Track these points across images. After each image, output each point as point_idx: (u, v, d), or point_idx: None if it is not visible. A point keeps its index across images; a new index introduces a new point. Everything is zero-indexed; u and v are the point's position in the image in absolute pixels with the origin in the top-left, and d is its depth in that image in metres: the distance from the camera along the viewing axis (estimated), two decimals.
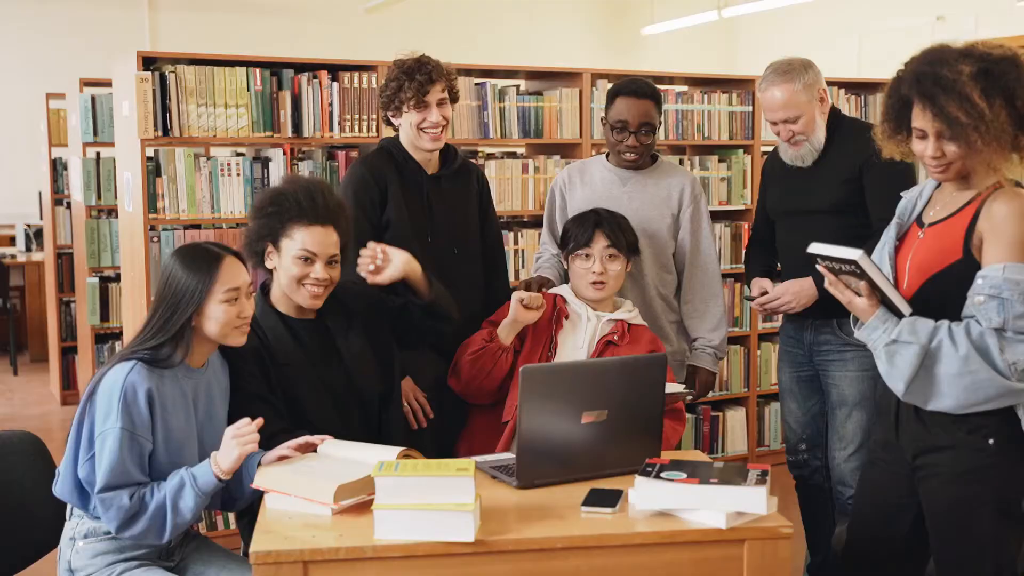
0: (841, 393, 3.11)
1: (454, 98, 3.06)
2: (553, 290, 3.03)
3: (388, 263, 2.65)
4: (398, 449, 2.24)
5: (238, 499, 2.39)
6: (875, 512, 2.45)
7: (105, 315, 5.09)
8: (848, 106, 5.00)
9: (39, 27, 8.17)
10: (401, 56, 3.04)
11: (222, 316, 2.32)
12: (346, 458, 2.26)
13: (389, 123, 3.10)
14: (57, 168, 6.20)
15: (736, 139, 4.76)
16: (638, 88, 3.17)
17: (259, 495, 2.25)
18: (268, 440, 2.37)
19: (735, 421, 4.87)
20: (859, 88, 5.06)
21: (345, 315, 2.66)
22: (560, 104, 4.34)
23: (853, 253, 2.13)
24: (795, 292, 3.04)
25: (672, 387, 2.65)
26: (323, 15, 9.08)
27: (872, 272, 2.14)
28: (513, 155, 4.59)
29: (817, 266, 2.27)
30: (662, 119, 3.22)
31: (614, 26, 10.52)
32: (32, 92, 6.93)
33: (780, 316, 3.30)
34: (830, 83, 5.02)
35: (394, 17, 8.95)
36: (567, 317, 2.90)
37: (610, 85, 4.48)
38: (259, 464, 2.28)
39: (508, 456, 2.50)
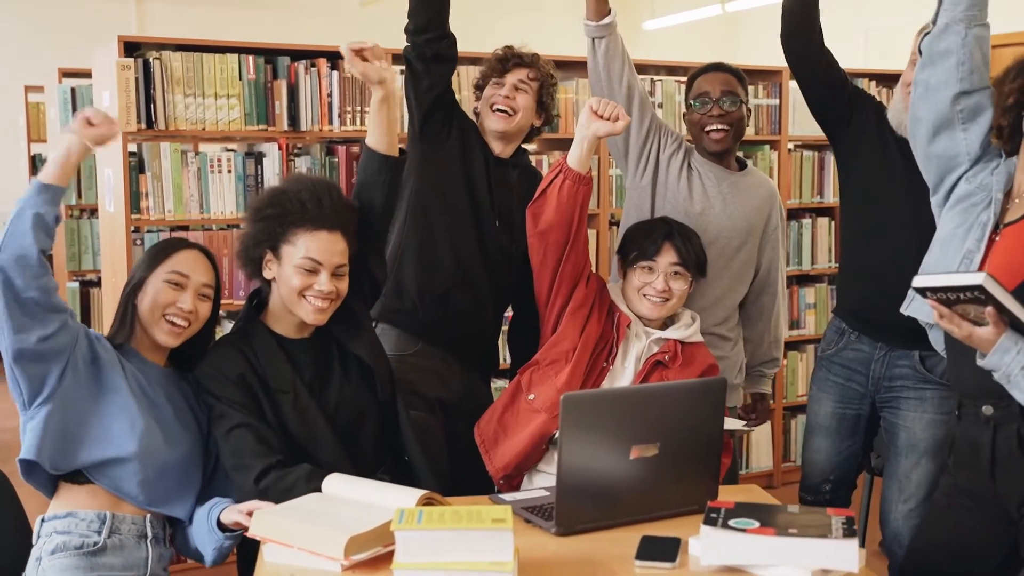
0: (912, 437, 2.68)
1: (544, 102, 2.84)
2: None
3: (377, 59, 2.36)
4: (419, 492, 1.92)
5: (204, 554, 2.14)
6: (948, 557, 2.16)
7: (87, 322, 4.75)
8: None
9: (19, 17, 7.83)
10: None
11: (158, 296, 2.17)
12: (357, 500, 1.95)
13: (478, 116, 2.90)
14: (37, 164, 5.86)
15: (762, 135, 4.45)
16: (717, 65, 2.89)
17: (233, 549, 2.02)
18: (260, 476, 2.09)
19: (759, 435, 4.56)
20: (879, 80, 4.75)
21: (353, 319, 2.35)
22: (576, 96, 4.03)
23: (975, 277, 1.79)
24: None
25: (730, 423, 2.33)
26: (317, 9, 8.79)
27: (999, 294, 1.81)
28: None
29: (927, 301, 1.93)
30: (748, 105, 2.87)
31: None
32: (11, 84, 6.60)
33: (825, 334, 2.92)
34: None
35: (388, 11, 8.62)
36: (628, 326, 2.55)
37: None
38: (219, 518, 2.05)
39: (542, 494, 2.19)
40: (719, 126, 2.78)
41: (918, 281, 1.89)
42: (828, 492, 2.88)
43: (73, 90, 4.70)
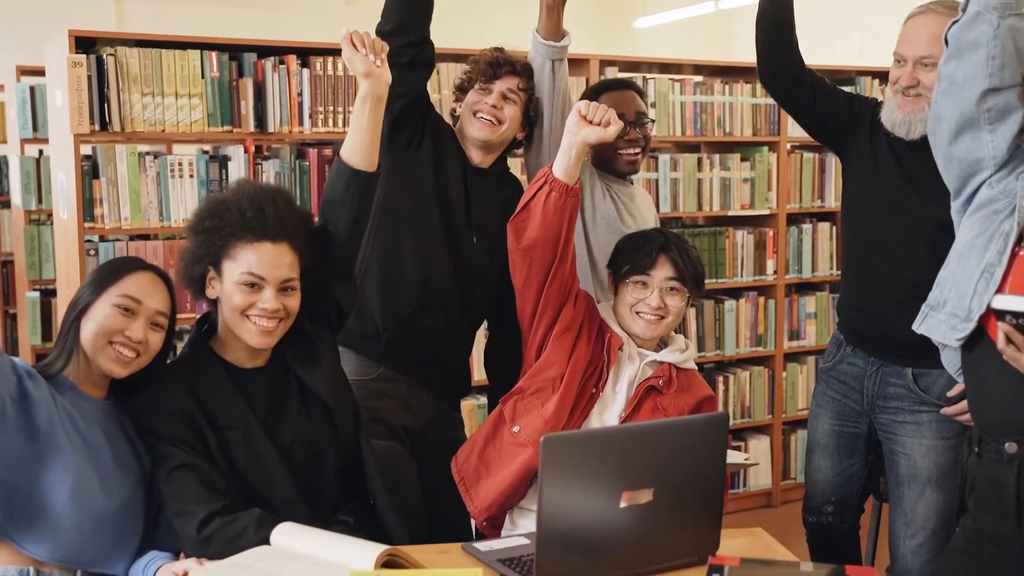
0: (913, 466, 2.48)
1: (529, 113, 2.60)
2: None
3: (370, 51, 2.12)
4: (379, 548, 1.69)
5: None
6: None
7: (48, 334, 4.48)
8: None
9: None
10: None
11: (105, 321, 1.93)
12: (309, 556, 1.72)
13: (455, 119, 2.67)
14: (1, 166, 5.60)
15: (760, 135, 4.24)
16: (619, 81, 2.84)
17: None
18: (204, 523, 1.85)
19: (758, 451, 4.33)
20: (882, 78, 4.52)
21: (308, 343, 2.11)
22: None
23: None
24: None
25: (731, 456, 2.11)
26: (302, 7, 8.58)
27: None
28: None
29: (1001, 325, 1.72)
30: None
31: (605, 18, 10.03)
32: None
33: (828, 346, 2.74)
34: (835, 73, 4.54)
35: (376, 10, 8.40)
36: (620, 348, 2.33)
37: (620, 74, 4.03)
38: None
39: (523, 542, 1.95)
40: (635, 149, 2.68)
41: (999, 302, 1.71)
42: (830, 514, 2.70)
43: (32, 89, 4.44)
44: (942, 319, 2.01)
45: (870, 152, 2.53)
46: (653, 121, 2.76)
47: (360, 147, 2.14)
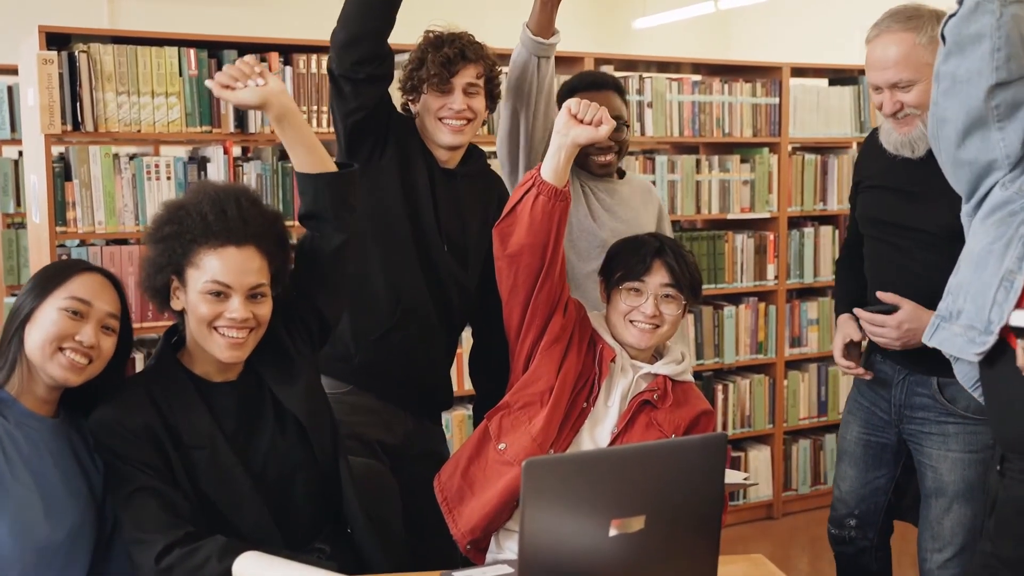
0: (939, 479, 2.39)
1: (493, 93, 2.47)
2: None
3: (247, 77, 1.92)
4: None
5: None
6: None
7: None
8: None
9: None
10: (433, 27, 2.46)
11: (51, 327, 1.78)
12: None
13: (407, 112, 2.50)
14: None
15: (761, 136, 4.11)
16: (597, 79, 2.67)
17: None
18: (163, 554, 1.72)
19: (759, 461, 4.21)
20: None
21: (286, 358, 1.98)
22: None
23: None
24: (906, 329, 2.31)
25: (730, 476, 1.99)
26: (298, 6, 8.48)
27: None
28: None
29: (1020, 343, 1.59)
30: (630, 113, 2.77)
31: (604, 18, 9.93)
32: None
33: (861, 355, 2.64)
34: (838, 72, 4.42)
35: None
36: (613, 360, 2.21)
37: (616, 73, 3.90)
38: None
39: (506, 571, 1.82)
40: (607, 156, 2.60)
41: (1018, 319, 1.59)
42: (853, 528, 2.60)
43: (10, 88, 4.32)
44: (957, 332, 1.88)
45: (885, 176, 2.46)
46: (628, 125, 2.64)
47: (305, 161, 2.00)
